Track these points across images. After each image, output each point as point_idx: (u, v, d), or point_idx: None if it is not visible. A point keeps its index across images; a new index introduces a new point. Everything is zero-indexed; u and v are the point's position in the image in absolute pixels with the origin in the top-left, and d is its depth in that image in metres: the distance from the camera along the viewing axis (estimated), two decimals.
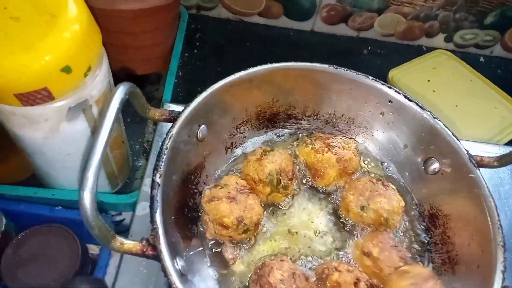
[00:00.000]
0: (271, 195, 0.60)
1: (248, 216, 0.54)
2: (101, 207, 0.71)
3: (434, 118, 0.58)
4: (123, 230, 0.71)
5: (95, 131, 0.42)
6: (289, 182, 0.60)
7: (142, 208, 0.64)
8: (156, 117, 0.54)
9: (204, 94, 0.55)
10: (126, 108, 0.52)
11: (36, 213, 0.66)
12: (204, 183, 0.60)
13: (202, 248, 0.55)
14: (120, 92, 0.43)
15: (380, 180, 0.61)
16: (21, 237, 0.61)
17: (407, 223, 0.62)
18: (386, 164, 0.67)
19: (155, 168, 0.47)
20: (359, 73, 0.62)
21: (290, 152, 0.65)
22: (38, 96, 0.51)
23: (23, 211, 0.66)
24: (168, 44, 0.93)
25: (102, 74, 0.57)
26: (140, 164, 0.83)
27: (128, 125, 0.78)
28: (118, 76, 0.91)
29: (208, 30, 1.07)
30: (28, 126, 0.55)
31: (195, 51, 1.02)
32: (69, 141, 0.59)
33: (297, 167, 0.65)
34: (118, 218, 0.73)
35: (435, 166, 0.60)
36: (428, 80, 1.00)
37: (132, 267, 0.59)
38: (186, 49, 1.00)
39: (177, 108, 0.74)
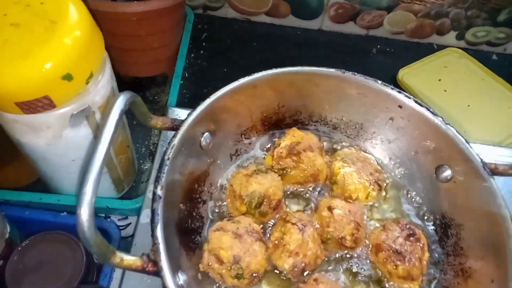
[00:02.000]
0: (246, 215, 0.57)
1: (246, 260, 0.50)
2: (106, 212, 0.71)
3: (446, 124, 0.56)
4: (129, 235, 0.70)
5: (94, 143, 0.41)
6: (269, 210, 0.57)
7: (147, 215, 0.63)
8: (159, 126, 0.52)
9: (207, 102, 0.54)
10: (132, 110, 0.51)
11: (41, 219, 0.66)
12: (209, 192, 0.59)
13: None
14: (120, 103, 0.42)
15: None
16: (25, 245, 0.61)
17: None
18: (396, 170, 0.65)
19: (156, 180, 0.46)
20: (368, 77, 0.60)
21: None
22: (39, 105, 0.50)
23: (28, 217, 0.66)
24: (174, 45, 0.92)
25: (105, 80, 0.56)
26: (146, 167, 0.83)
27: (134, 128, 0.78)
28: (124, 79, 0.91)
29: (215, 30, 1.06)
30: (31, 133, 0.55)
31: (202, 51, 1.01)
32: (72, 148, 0.59)
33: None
34: (124, 223, 0.72)
35: (447, 173, 0.58)
36: (439, 79, 0.98)
37: (137, 274, 0.58)
38: (192, 50, 0.99)
39: (182, 112, 0.73)
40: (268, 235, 0.57)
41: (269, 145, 0.66)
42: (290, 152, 0.60)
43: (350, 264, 0.57)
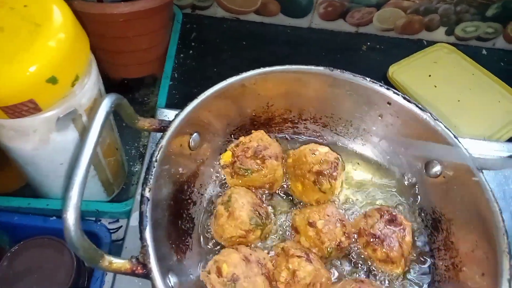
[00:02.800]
0: (262, 235, 0.56)
1: (243, 285, 0.47)
2: (96, 216, 0.70)
3: (435, 119, 0.56)
4: (120, 238, 0.70)
5: (79, 147, 0.41)
6: (265, 212, 0.56)
7: (136, 218, 0.62)
8: (146, 127, 0.52)
9: (195, 102, 0.53)
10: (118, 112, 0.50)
11: (30, 224, 0.65)
12: (199, 193, 0.59)
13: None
14: (105, 106, 0.41)
15: None
16: (15, 250, 0.60)
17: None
18: (386, 166, 0.65)
19: (144, 182, 0.45)
20: (356, 74, 0.59)
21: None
22: (24, 109, 0.49)
23: (16, 222, 0.65)
24: (163, 46, 0.92)
25: (91, 82, 0.56)
26: (137, 169, 0.82)
27: (124, 129, 0.77)
28: (113, 81, 0.90)
29: (204, 30, 1.05)
30: (18, 138, 0.54)
31: (191, 51, 1.00)
32: (60, 151, 0.58)
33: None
34: (115, 226, 0.72)
35: (437, 169, 0.58)
36: (429, 75, 0.98)
37: (129, 278, 0.58)
38: (181, 50, 0.98)
39: (171, 113, 0.73)
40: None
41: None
42: (255, 155, 0.58)
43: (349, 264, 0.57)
